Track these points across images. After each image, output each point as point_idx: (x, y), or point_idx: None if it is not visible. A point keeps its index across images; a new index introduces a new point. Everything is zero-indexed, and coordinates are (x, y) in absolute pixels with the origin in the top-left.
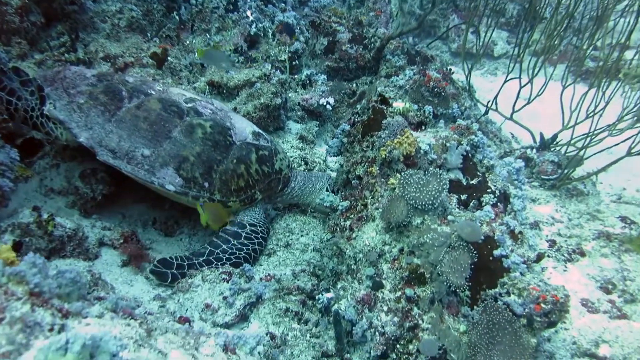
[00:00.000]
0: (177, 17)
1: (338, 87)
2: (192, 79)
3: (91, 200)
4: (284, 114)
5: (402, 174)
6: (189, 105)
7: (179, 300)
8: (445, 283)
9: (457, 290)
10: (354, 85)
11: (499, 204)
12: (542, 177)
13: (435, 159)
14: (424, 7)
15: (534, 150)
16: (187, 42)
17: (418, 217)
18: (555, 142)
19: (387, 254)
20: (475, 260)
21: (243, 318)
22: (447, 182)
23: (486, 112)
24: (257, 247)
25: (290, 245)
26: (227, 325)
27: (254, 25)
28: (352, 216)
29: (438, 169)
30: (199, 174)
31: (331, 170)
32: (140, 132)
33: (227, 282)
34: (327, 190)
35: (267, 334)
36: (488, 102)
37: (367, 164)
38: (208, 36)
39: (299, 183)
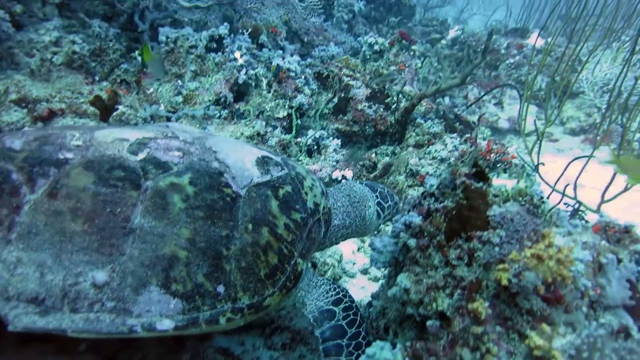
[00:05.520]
0: (140, 58)
1: (354, 156)
2: None
3: None
4: None
5: (586, 332)
6: (140, 156)
7: None
8: None
9: None
10: (373, 154)
11: None
12: None
13: (588, 287)
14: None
15: None
16: (151, 89)
17: None
18: None
19: None
20: None
21: None
22: None
23: (561, 201)
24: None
25: None
26: None
27: (243, 70)
28: None
29: None
30: (204, 276)
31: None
32: (75, 241)
33: None
34: (377, 214)
35: None
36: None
37: (459, 290)
38: (180, 83)
39: (341, 207)
